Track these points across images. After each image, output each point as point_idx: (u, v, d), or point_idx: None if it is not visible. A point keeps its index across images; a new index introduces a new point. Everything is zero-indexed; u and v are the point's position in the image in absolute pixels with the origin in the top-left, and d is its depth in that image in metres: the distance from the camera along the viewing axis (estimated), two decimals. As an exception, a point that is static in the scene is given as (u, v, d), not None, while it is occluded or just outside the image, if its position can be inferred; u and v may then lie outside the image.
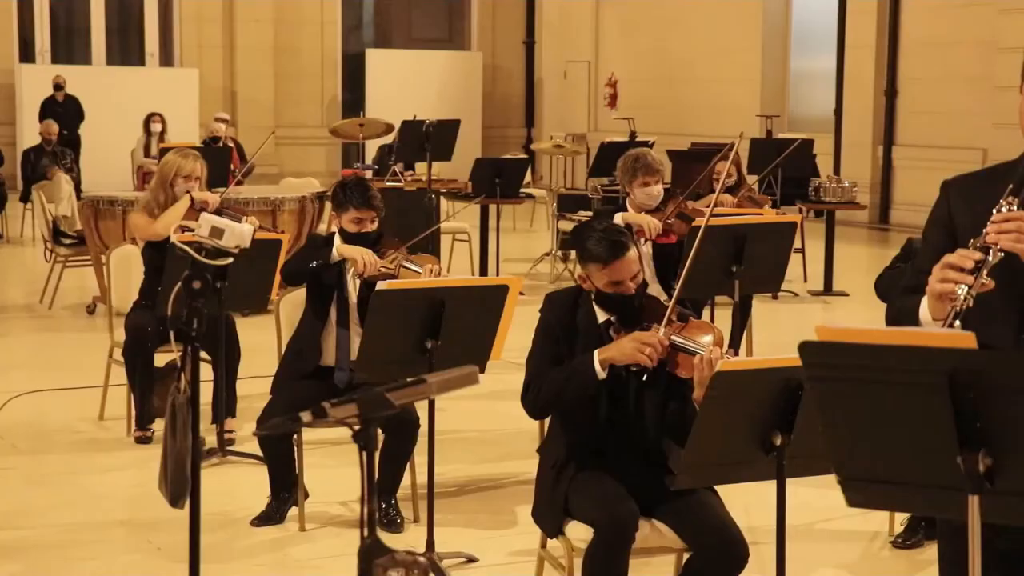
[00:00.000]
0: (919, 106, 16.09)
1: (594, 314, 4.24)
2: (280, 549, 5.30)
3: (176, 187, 6.78)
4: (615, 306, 4.19)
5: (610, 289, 4.16)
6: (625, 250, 4.16)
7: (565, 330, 4.22)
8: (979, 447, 2.36)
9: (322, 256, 5.48)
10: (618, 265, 4.14)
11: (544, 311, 4.31)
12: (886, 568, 5.19)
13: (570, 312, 4.25)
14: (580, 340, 4.20)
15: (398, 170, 12.73)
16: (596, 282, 4.18)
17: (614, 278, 4.15)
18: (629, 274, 4.16)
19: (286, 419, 2.59)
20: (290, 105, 20.70)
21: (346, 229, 5.56)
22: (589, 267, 4.20)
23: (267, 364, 6.65)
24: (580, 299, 4.27)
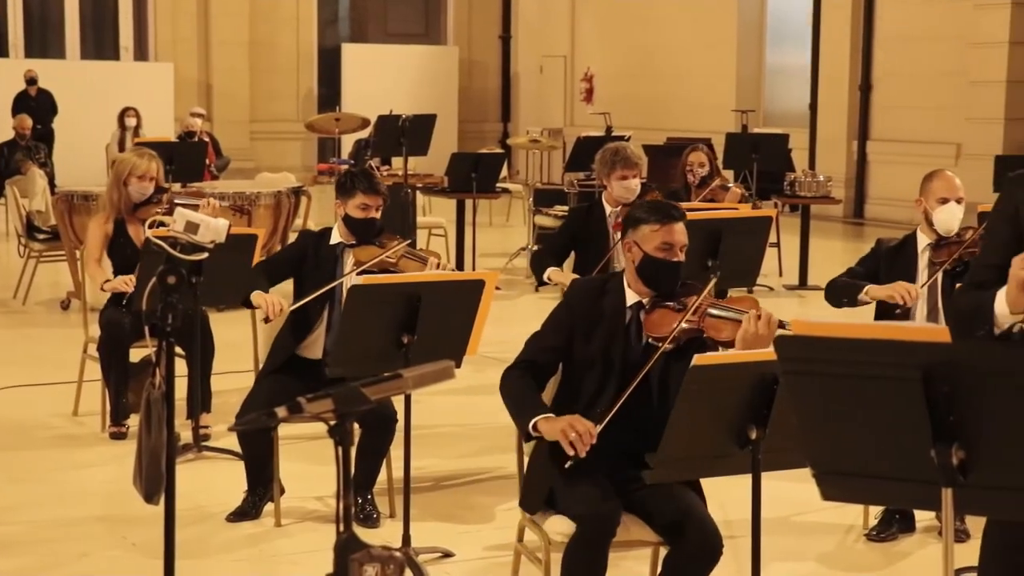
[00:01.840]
0: (894, 101, 16.15)
1: (623, 298, 4.25)
2: (256, 544, 5.28)
3: (130, 186, 6.73)
4: (660, 273, 4.21)
5: (661, 253, 4.19)
6: (681, 217, 4.28)
7: (588, 316, 4.22)
8: (953, 440, 2.37)
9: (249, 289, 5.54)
10: (673, 227, 4.22)
11: (568, 295, 4.35)
12: (860, 561, 5.21)
13: (596, 297, 4.26)
14: (603, 325, 4.20)
15: (374, 165, 12.71)
16: (647, 245, 4.21)
17: (667, 239, 4.20)
18: (680, 242, 4.24)
19: (262, 414, 2.58)
20: (266, 100, 20.64)
21: (351, 215, 5.56)
22: (642, 230, 4.24)
23: (242, 360, 6.64)
24: (609, 284, 4.31)
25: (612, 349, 4.18)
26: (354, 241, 5.59)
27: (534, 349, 4.26)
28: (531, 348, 4.27)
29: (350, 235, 5.60)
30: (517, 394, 4.19)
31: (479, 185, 11.40)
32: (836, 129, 16.77)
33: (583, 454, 3.94)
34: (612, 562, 4.07)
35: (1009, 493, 2.42)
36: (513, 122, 22.47)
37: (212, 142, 15.13)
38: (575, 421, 3.98)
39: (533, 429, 4.07)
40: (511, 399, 4.20)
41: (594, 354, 4.18)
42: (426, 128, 12.54)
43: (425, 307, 4.68)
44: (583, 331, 4.21)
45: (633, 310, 4.23)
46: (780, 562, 5.06)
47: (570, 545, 3.98)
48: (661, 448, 3.59)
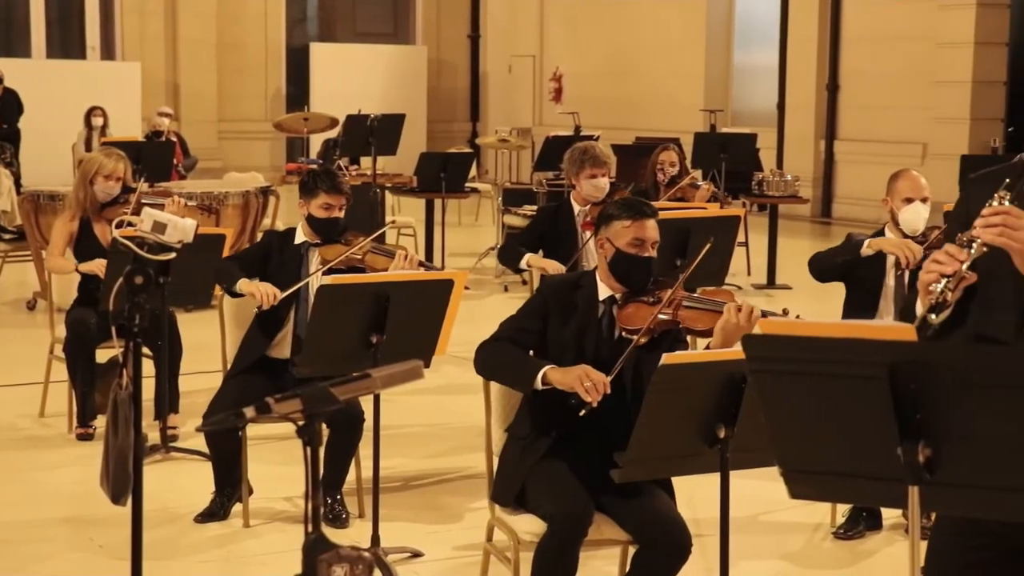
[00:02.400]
0: (860, 101, 16.23)
1: (596, 291, 4.27)
2: (224, 545, 5.27)
3: (96, 185, 6.69)
4: (632, 269, 4.22)
5: (632, 249, 4.22)
6: (653, 213, 4.32)
7: (561, 309, 4.24)
8: (919, 438, 2.39)
9: (230, 281, 5.52)
10: (645, 223, 4.26)
11: (541, 288, 4.39)
12: (828, 559, 5.24)
13: (570, 291, 4.29)
14: (576, 317, 4.21)
15: (343, 164, 12.69)
16: (619, 240, 4.24)
17: (639, 235, 4.24)
18: (652, 238, 4.28)
19: (230, 414, 2.57)
20: (233, 99, 20.55)
21: (315, 215, 5.55)
22: (613, 226, 4.27)
23: (210, 360, 6.60)
24: (582, 280, 4.34)
25: (585, 337, 4.20)
26: (319, 240, 5.58)
27: (511, 329, 4.27)
28: (507, 328, 4.27)
29: (314, 234, 5.59)
30: (508, 358, 4.18)
31: (448, 185, 11.39)
32: (804, 129, 16.83)
33: (596, 403, 3.97)
34: (581, 560, 4.07)
35: (974, 491, 2.43)
36: (482, 122, 22.46)
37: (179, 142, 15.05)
38: (588, 370, 4.01)
39: (543, 380, 4.06)
40: (502, 363, 4.18)
41: (568, 341, 4.20)
42: (395, 128, 12.53)
43: (394, 307, 4.68)
44: (557, 320, 4.23)
45: (606, 304, 4.25)
46: (748, 560, 5.08)
47: (541, 544, 3.98)
48: (630, 447, 3.60)
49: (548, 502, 4.03)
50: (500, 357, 4.21)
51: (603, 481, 4.08)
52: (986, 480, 2.41)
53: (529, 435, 4.20)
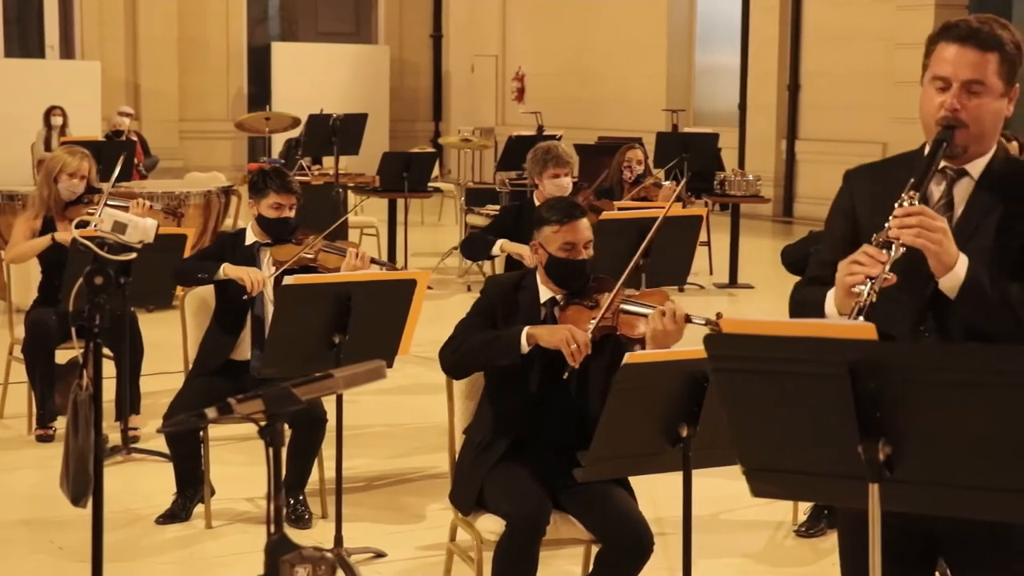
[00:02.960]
0: (821, 100, 16.32)
1: (537, 294, 4.27)
2: (186, 547, 5.24)
3: (60, 183, 6.65)
4: (567, 272, 4.22)
5: (563, 253, 4.21)
6: (582, 214, 4.29)
7: (505, 309, 4.24)
8: (879, 436, 2.40)
9: (209, 271, 5.46)
10: (574, 226, 4.23)
11: (485, 289, 4.36)
12: (790, 556, 5.26)
13: (512, 292, 4.29)
14: (519, 318, 4.21)
15: (305, 164, 12.65)
16: (550, 246, 4.23)
17: (569, 239, 4.21)
18: (583, 239, 4.25)
19: (191, 415, 2.56)
20: (195, 98, 20.45)
21: (264, 215, 5.54)
22: (544, 231, 4.26)
23: (172, 360, 6.57)
24: (524, 281, 4.32)
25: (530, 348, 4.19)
26: (269, 240, 5.56)
27: (465, 328, 4.25)
28: (462, 328, 4.26)
29: (264, 234, 5.57)
30: (480, 339, 4.17)
31: (411, 184, 11.38)
32: (765, 128, 16.91)
33: (578, 364, 4.00)
34: (544, 560, 4.08)
35: (933, 488, 2.45)
36: (445, 121, 22.45)
37: (140, 141, 14.97)
38: (574, 331, 4.03)
39: (528, 342, 4.05)
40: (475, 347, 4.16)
41: None
42: (357, 127, 12.50)
43: (356, 307, 4.67)
44: (503, 322, 4.23)
45: (547, 306, 4.25)
46: (710, 558, 5.10)
47: (500, 543, 3.99)
48: (593, 446, 3.61)
49: (505, 502, 4.04)
50: (470, 342, 4.19)
51: (563, 481, 4.09)
52: (944, 477, 2.43)
53: (484, 439, 4.20)
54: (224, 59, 20.79)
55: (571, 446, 4.13)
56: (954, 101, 2.79)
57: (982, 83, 2.79)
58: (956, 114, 2.79)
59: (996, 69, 2.80)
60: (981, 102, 2.80)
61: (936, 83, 2.83)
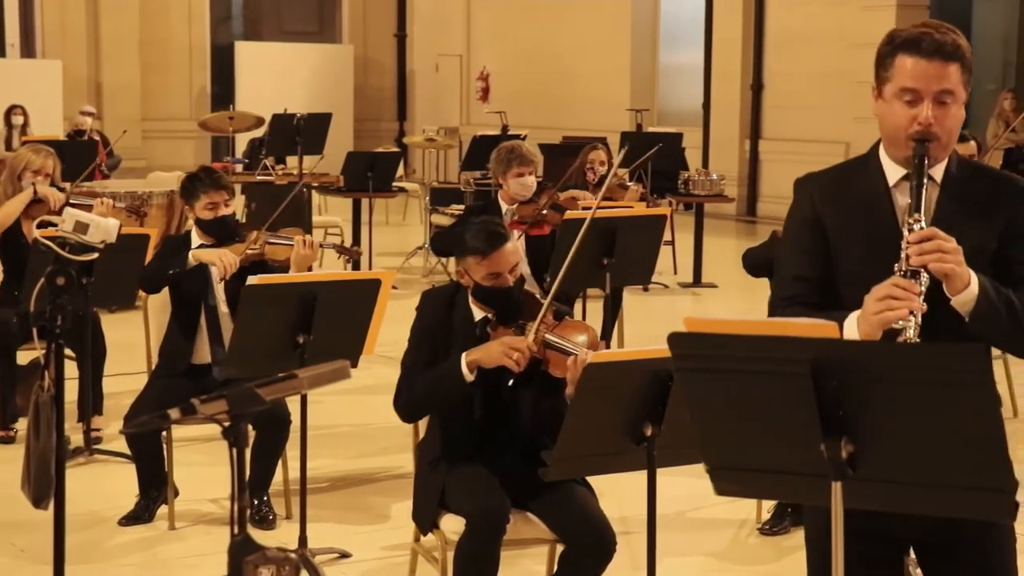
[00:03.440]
0: (784, 100, 16.39)
1: (470, 312, 4.24)
2: (149, 548, 5.22)
3: (23, 181, 6.62)
4: (493, 300, 4.19)
5: (489, 282, 4.17)
6: (504, 241, 4.20)
7: (441, 328, 4.22)
8: (842, 434, 2.42)
9: (178, 263, 5.42)
10: (497, 256, 4.15)
11: (420, 309, 4.31)
12: (754, 555, 5.29)
13: (446, 310, 4.25)
14: (456, 339, 4.20)
15: (269, 164, 12.61)
16: (475, 275, 4.18)
17: (493, 269, 4.16)
18: (508, 266, 4.18)
19: (154, 416, 2.55)
20: (157, 98, 20.34)
21: (202, 217, 5.50)
22: (467, 260, 4.20)
23: (135, 361, 6.54)
24: (457, 297, 4.27)
25: None
26: (213, 242, 5.52)
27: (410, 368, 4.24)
28: (406, 369, 4.25)
29: (207, 236, 5.53)
30: (425, 383, 4.16)
31: (375, 184, 11.36)
32: (729, 128, 16.97)
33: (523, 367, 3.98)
34: (509, 560, 4.09)
35: (895, 486, 2.47)
36: (409, 121, 22.41)
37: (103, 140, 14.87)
38: (508, 341, 4.01)
39: (469, 369, 4.05)
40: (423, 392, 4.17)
41: None
42: (321, 127, 12.47)
43: (321, 307, 4.66)
44: (441, 339, 4.22)
45: (480, 326, 4.23)
46: (675, 557, 5.12)
47: (461, 542, 4.00)
48: (557, 446, 3.61)
49: (465, 501, 4.05)
50: (416, 391, 4.19)
51: (527, 481, 4.10)
52: (905, 475, 2.45)
53: (434, 458, 4.20)
54: (187, 58, 20.69)
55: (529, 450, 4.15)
56: (929, 115, 2.79)
57: (952, 93, 2.81)
58: (930, 127, 2.79)
59: (959, 78, 2.83)
60: (949, 112, 2.82)
61: (904, 95, 2.82)
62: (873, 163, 2.93)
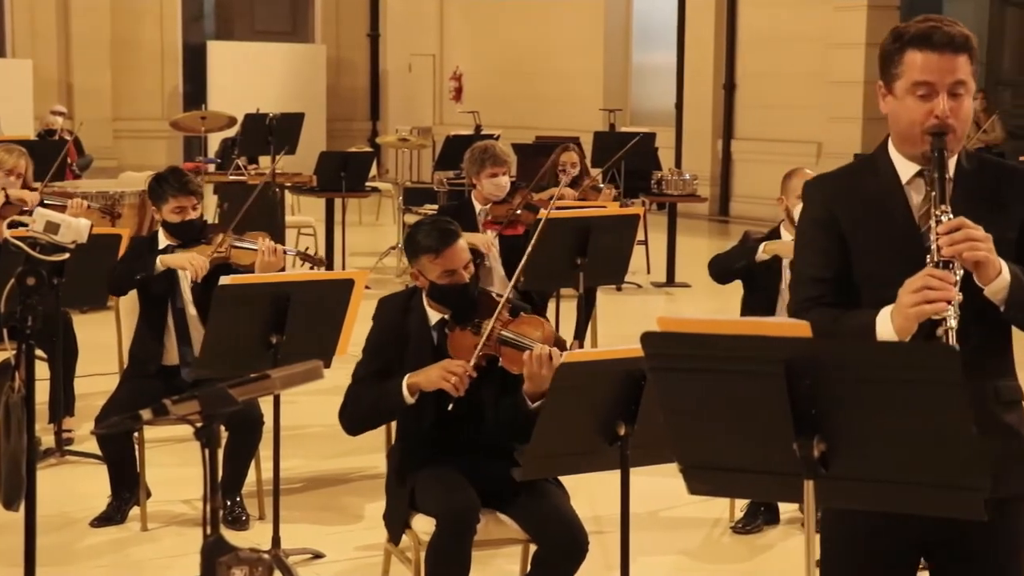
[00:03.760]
0: (757, 100, 16.43)
1: (426, 316, 4.25)
2: (121, 550, 5.19)
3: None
4: (449, 299, 4.19)
5: (444, 280, 4.17)
6: (456, 237, 4.21)
7: (396, 334, 4.23)
8: (814, 433, 2.43)
9: (145, 267, 5.39)
10: (450, 253, 4.17)
11: (376, 317, 4.33)
12: (727, 553, 5.30)
13: (401, 316, 4.25)
14: (412, 344, 4.20)
15: (241, 164, 12.57)
16: (429, 275, 4.19)
17: (447, 267, 4.17)
18: (461, 262, 4.19)
19: (126, 416, 2.54)
20: (129, 97, 20.25)
21: (168, 220, 5.48)
22: (421, 261, 4.21)
23: (106, 362, 6.51)
24: (412, 302, 4.28)
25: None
26: (179, 244, 5.50)
27: (362, 376, 4.26)
28: (354, 382, 4.28)
29: (173, 239, 5.51)
30: (366, 399, 4.21)
31: (348, 184, 11.34)
32: (701, 128, 17.00)
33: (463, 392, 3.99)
34: (483, 560, 4.09)
35: (866, 484, 2.48)
36: (382, 121, 22.37)
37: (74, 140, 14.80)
38: (446, 364, 4.02)
39: (409, 392, 4.06)
40: (364, 409, 4.22)
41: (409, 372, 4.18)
42: (294, 127, 12.44)
43: (294, 307, 4.65)
44: (395, 352, 4.22)
45: (437, 330, 4.24)
46: (648, 556, 5.13)
47: (432, 542, 4.00)
48: (530, 445, 3.62)
49: (433, 501, 4.05)
50: (359, 405, 4.22)
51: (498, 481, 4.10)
52: (876, 473, 2.46)
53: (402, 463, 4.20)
54: (159, 58, 20.60)
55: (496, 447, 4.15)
56: (946, 107, 2.78)
57: (964, 84, 2.81)
58: (946, 120, 2.78)
59: (969, 69, 2.82)
60: (963, 103, 2.82)
61: (918, 89, 2.80)
62: (883, 162, 2.91)
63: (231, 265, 5.45)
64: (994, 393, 2.81)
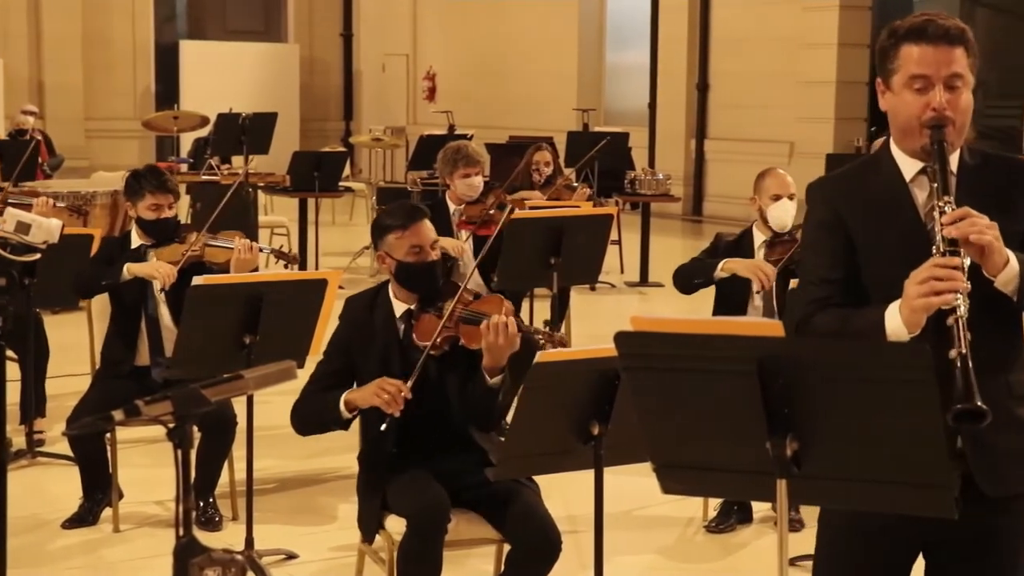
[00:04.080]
0: (730, 100, 16.47)
1: (392, 309, 4.24)
2: (93, 551, 5.17)
3: None
4: (417, 279, 4.20)
5: (412, 257, 4.18)
6: (423, 215, 4.26)
7: (363, 331, 4.22)
8: (787, 432, 2.43)
9: (111, 275, 5.37)
10: (417, 228, 4.20)
11: (342, 315, 4.34)
12: (700, 552, 5.31)
13: (368, 312, 4.26)
14: (378, 339, 4.20)
15: (214, 163, 12.53)
16: (396, 253, 4.20)
17: (415, 242, 4.18)
18: (428, 240, 4.22)
19: (98, 417, 2.53)
20: (101, 97, 20.15)
21: (144, 217, 5.46)
22: (388, 240, 4.22)
23: (78, 363, 6.48)
24: (378, 298, 4.29)
25: (390, 366, 4.20)
26: (153, 242, 5.48)
27: (315, 378, 4.28)
28: (312, 379, 4.28)
29: (147, 237, 5.49)
30: (311, 406, 4.24)
31: (322, 184, 11.32)
32: (675, 128, 17.04)
33: (399, 412, 3.99)
34: (457, 560, 4.08)
35: (839, 483, 2.49)
36: (355, 120, 22.33)
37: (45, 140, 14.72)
38: (382, 382, 4.03)
39: (347, 408, 4.08)
40: (308, 417, 4.25)
41: (374, 373, 4.19)
42: (267, 126, 12.41)
43: (267, 307, 4.64)
44: (361, 350, 4.23)
45: (404, 320, 4.24)
46: (622, 555, 5.13)
47: (403, 542, 4.00)
48: (504, 445, 3.62)
49: (406, 503, 4.05)
50: (304, 412, 4.25)
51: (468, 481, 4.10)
52: (848, 472, 2.47)
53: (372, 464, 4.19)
54: (131, 57, 20.51)
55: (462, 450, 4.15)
56: (943, 99, 2.77)
57: (961, 76, 2.80)
58: (944, 112, 2.77)
59: (966, 62, 2.81)
60: (961, 96, 2.80)
61: (915, 83, 2.79)
62: (886, 161, 2.90)
63: (205, 264, 5.43)
64: (1007, 388, 2.79)
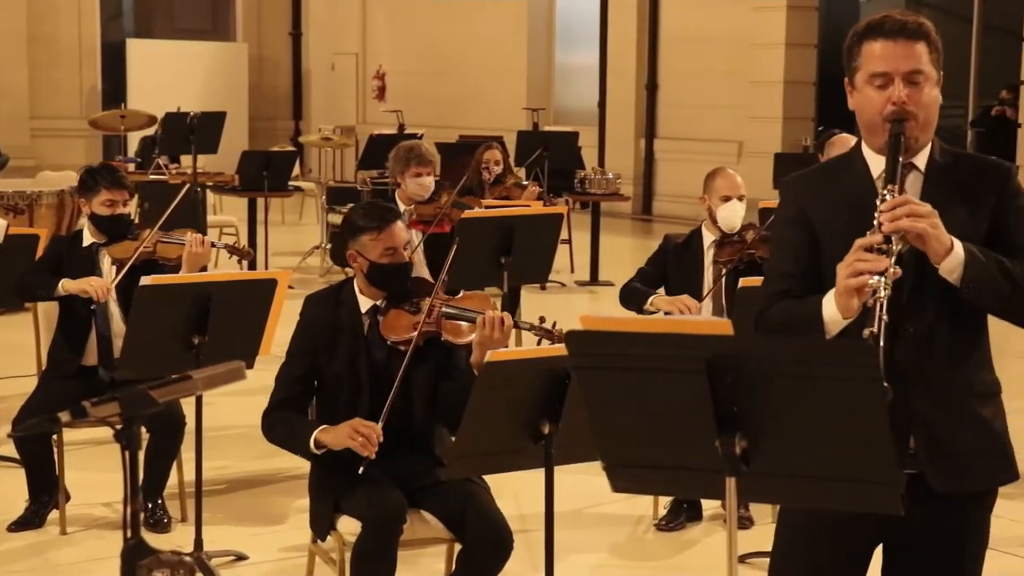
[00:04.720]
0: (679, 100, 16.55)
1: (357, 306, 4.23)
2: (40, 554, 5.12)
3: None
4: (390, 279, 4.19)
5: (386, 259, 4.18)
6: (396, 216, 4.26)
7: (327, 328, 4.20)
8: (736, 430, 2.45)
9: (47, 289, 5.33)
10: (392, 230, 4.19)
11: (302, 314, 4.30)
12: (651, 550, 5.34)
13: (332, 309, 4.24)
14: (345, 335, 4.19)
15: (162, 163, 12.45)
16: (370, 254, 4.19)
17: (389, 244, 4.18)
18: (402, 241, 4.23)
19: (44, 419, 2.52)
20: (47, 96, 19.95)
21: (98, 213, 5.42)
22: (361, 240, 4.21)
23: (25, 364, 6.42)
24: (342, 294, 4.27)
25: (357, 362, 4.19)
26: (106, 240, 5.45)
27: (283, 383, 4.26)
28: (280, 383, 4.26)
29: (100, 234, 5.46)
30: (284, 429, 4.20)
31: (271, 183, 11.28)
32: (624, 127, 17.09)
33: (373, 454, 3.96)
34: (410, 559, 4.08)
35: (788, 480, 2.51)
36: (305, 120, 22.25)
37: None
38: (356, 424, 4.00)
39: (316, 446, 4.05)
40: (281, 437, 4.22)
41: (340, 370, 4.19)
42: (215, 126, 12.35)
43: (216, 307, 4.61)
44: (325, 349, 4.20)
45: (369, 316, 4.23)
46: (573, 554, 5.14)
47: (357, 544, 3.98)
48: (455, 444, 3.62)
49: (361, 504, 4.03)
50: (277, 430, 4.21)
51: (421, 480, 4.09)
52: (796, 469, 2.48)
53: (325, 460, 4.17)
54: (76, 56, 20.32)
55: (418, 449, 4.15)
56: (901, 94, 2.79)
57: (921, 72, 2.82)
58: (904, 106, 2.80)
59: (928, 57, 2.83)
60: (923, 91, 2.82)
61: (875, 80, 2.82)
62: (856, 159, 2.93)
63: (158, 261, 5.40)
64: (967, 386, 2.83)
